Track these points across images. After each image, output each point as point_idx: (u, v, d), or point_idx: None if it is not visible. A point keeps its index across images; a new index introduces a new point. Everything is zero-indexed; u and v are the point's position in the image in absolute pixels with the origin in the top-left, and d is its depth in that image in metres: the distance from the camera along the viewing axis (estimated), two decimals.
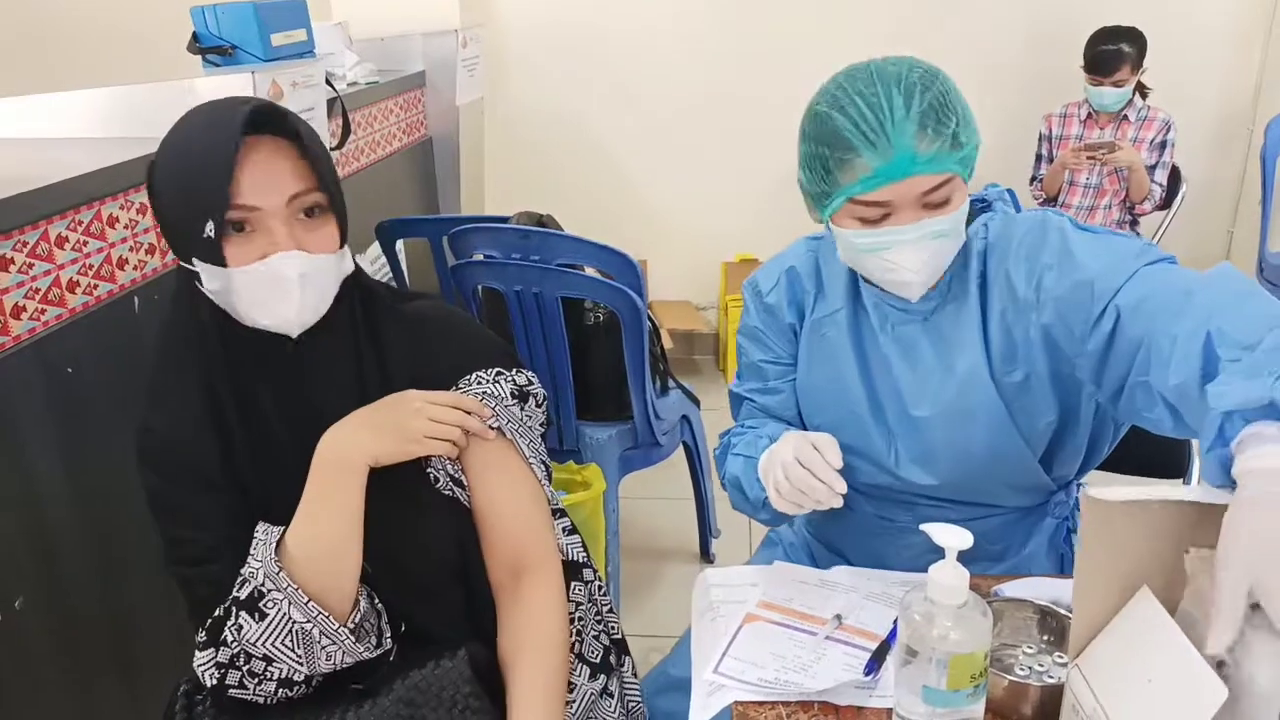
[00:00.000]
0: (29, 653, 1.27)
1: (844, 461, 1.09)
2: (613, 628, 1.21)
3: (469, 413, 1.05)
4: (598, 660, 1.15)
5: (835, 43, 3.43)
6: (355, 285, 1.07)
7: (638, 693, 1.20)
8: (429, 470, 1.07)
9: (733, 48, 3.50)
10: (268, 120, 0.96)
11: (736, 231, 3.68)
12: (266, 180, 0.95)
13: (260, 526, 1.00)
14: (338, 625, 0.96)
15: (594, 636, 1.17)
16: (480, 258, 2.15)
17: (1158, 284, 0.97)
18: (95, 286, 1.42)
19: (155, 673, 1.49)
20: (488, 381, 1.09)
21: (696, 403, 2.44)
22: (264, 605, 0.95)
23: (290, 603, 0.95)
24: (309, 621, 0.95)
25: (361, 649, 0.99)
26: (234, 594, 0.97)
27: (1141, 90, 3.12)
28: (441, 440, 1.03)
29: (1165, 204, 3.19)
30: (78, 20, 2.24)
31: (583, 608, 1.17)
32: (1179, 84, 3.28)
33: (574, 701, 1.10)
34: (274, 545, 0.97)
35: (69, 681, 1.35)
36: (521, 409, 1.10)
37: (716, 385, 3.65)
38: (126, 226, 1.49)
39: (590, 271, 2.11)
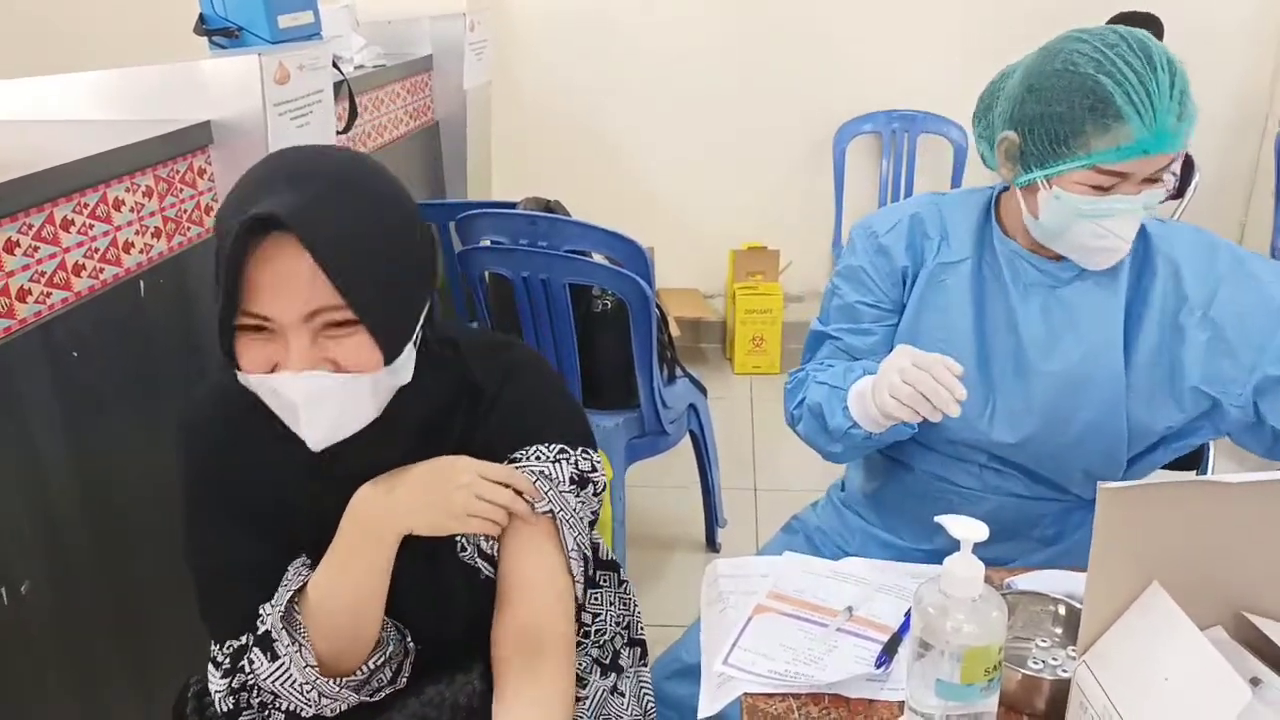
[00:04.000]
0: (35, 637, 1.26)
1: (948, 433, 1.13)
2: (637, 629, 1.16)
3: (519, 492, 0.96)
4: (608, 661, 1.13)
5: (844, 31, 3.41)
6: (420, 386, 0.94)
7: (651, 688, 1.18)
8: (458, 538, 0.99)
9: (741, 33, 3.46)
10: (283, 223, 0.79)
11: (744, 219, 3.65)
12: (282, 290, 0.81)
13: (294, 565, 0.96)
14: (339, 687, 0.93)
15: (609, 638, 1.14)
16: (488, 243, 2.14)
17: None
18: (101, 270, 1.41)
19: (162, 656, 1.49)
20: (547, 460, 0.99)
21: (704, 391, 2.43)
22: (275, 647, 0.92)
23: (292, 664, 0.92)
24: (307, 684, 0.92)
25: (365, 696, 0.97)
26: (256, 625, 0.94)
27: None
28: (482, 520, 0.95)
29: (1178, 193, 3.17)
30: (83, 1, 2.23)
31: (613, 609, 1.14)
32: (1194, 72, 3.24)
33: (588, 698, 1.08)
34: (292, 592, 0.93)
35: (75, 665, 1.35)
36: (577, 496, 1.00)
37: (723, 374, 3.64)
38: (132, 210, 1.48)
39: (598, 258, 2.09)
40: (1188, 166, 3.15)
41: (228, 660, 0.95)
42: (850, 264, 1.30)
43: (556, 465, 0.99)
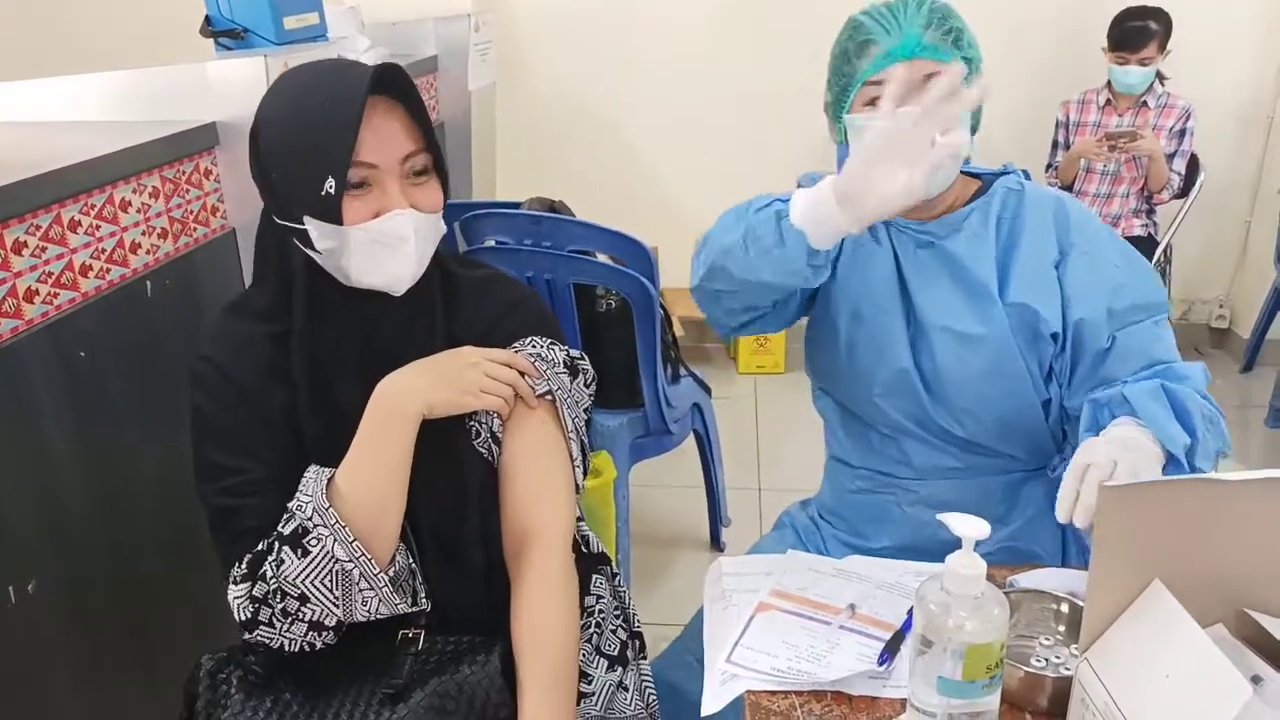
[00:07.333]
0: (42, 636, 1.27)
1: (876, 390, 1.24)
2: (633, 620, 1.20)
3: (522, 374, 1.07)
4: (615, 653, 1.14)
5: None
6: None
7: (654, 683, 1.19)
8: (471, 423, 1.07)
9: (747, 32, 3.47)
10: (387, 81, 0.97)
11: None
12: (384, 140, 0.97)
13: (311, 467, 1.00)
14: (378, 569, 0.96)
15: (612, 630, 1.16)
16: (492, 244, 2.15)
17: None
18: (107, 270, 1.42)
19: (169, 653, 1.50)
20: (542, 346, 1.10)
21: (708, 390, 2.43)
22: (307, 542, 0.95)
23: (335, 540, 0.95)
24: (351, 561, 0.95)
25: (397, 600, 0.99)
26: (278, 529, 0.97)
27: (1159, 77, 3.09)
28: (494, 396, 1.04)
29: (1183, 191, 3.16)
30: (90, 3, 2.24)
31: (604, 601, 1.16)
32: (1198, 70, 3.24)
33: (594, 694, 1.09)
34: (324, 483, 0.98)
35: (83, 662, 1.36)
36: (571, 381, 1.11)
37: (728, 374, 3.64)
38: (139, 210, 1.49)
39: (602, 258, 2.10)
40: (1192, 165, 3.14)
41: (245, 568, 0.97)
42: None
43: (551, 350, 1.10)
